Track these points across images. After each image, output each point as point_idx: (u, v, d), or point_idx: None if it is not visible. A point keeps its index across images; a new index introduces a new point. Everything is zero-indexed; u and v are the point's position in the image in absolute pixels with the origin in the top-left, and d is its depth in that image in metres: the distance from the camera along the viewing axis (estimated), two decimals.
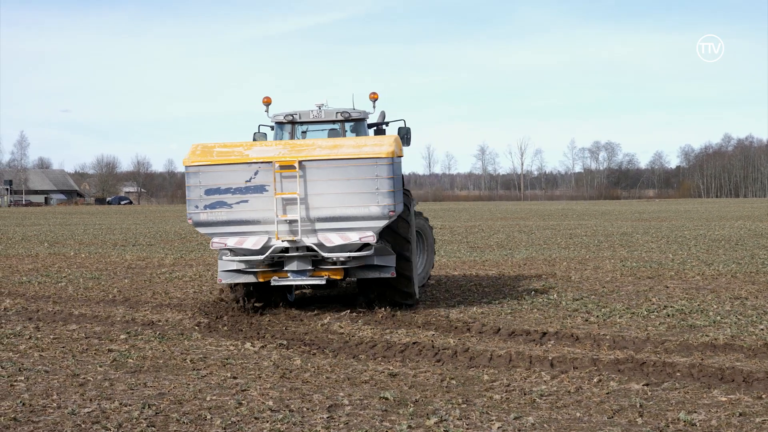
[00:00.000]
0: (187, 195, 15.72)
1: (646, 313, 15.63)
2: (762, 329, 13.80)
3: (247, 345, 13.44)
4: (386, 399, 10.06)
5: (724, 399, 9.92)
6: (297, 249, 15.81)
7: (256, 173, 15.44)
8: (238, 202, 15.51)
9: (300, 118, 18.01)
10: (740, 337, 13.20)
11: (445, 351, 12.76)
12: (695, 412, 9.40)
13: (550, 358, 12.12)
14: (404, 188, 16.78)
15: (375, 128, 18.58)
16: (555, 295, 17.86)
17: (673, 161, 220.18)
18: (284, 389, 10.58)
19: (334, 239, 15.39)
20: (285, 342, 13.61)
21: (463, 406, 9.82)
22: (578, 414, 9.46)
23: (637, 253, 29.77)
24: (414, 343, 13.34)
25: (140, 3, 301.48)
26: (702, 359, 11.86)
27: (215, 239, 15.63)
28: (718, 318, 14.87)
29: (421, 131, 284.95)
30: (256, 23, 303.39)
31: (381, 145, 15.37)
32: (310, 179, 15.35)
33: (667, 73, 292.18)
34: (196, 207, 15.62)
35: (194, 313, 16.69)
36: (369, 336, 14.13)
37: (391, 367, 11.88)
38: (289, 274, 15.92)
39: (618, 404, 9.79)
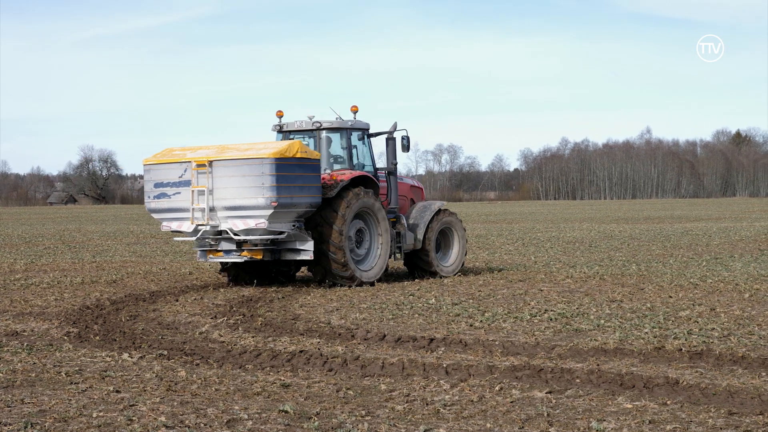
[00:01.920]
0: (144, 188, 19.82)
1: (529, 317, 15.52)
2: (647, 332, 13.80)
3: (125, 356, 12.74)
4: (286, 412, 9.60)
5: (629, 406, 9.79)
6: (220, 232, 19.36)
7: (185, 170, 19.21)
8: (174, 194, 19.40)
9: (287, 128, 21.39)
10: (628, 341, 13.16)
11: (335, 359, 12.36)
12: (604, 420, 9.22)
13: (444, 365, 11.84)
14: (344, 185, 19.88)
15: (386, 136, 21.72)
16: (433, 300, 17.61)
17: (512, 164, 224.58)
18: (175, 403, 9.99)
19: (239, 224, 18.98)
20: (165, 352, 12.96)
21: (368, 418, 9.44)
22: (488, 425, 9.17)
23: (498, 255, 29.92)
24: (301, 351, 12.89)
25: None
26: (598, 365, 11.74)
27: (164, 223, 19.79)
28: (602, 322, 14.85)
29: (267, 132, 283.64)
30: (97, 21, 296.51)
31: (268, 149, 18.70)
32: (217, 176, 18.94)
33: (507, 78, 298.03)
34: (149, 197, 19.75)
35: (60, 321, 15.82)
36: (252, 344, 13.60)
37: (282, 378, 11.41)
38: (222, 253, 19.70)
39: (525, 413, 9.55)
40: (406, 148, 21.92)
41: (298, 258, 19.74)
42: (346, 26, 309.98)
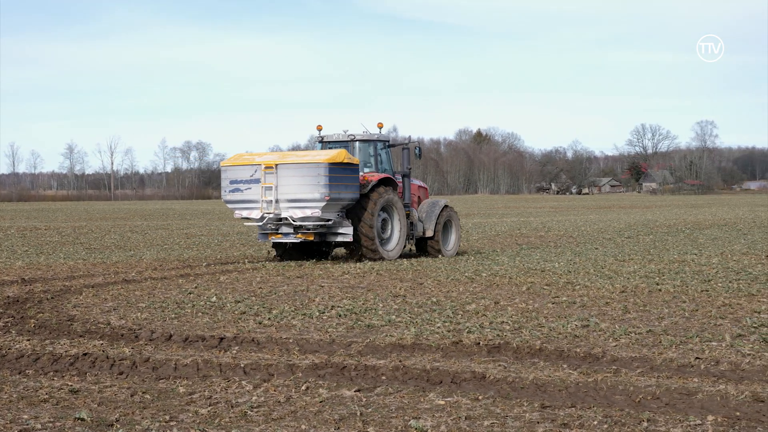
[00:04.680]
0: (222, 184, 25.24)
1: (317, 313, 15.17)
2: (440, 327, 13.69)
3: None
4: (82, 420, 8.90)
5: (442, 402, 9.59)
6: (281, 219, 24.37)
7: (255, 171, 24.45)
8: (246, 189, 24.56)
9: (327, 139, 26.94)
10: (424, 336, 13.00)
11: (123, 362, 11.64)
12: (420, 417, 8.99)
13: (242, 365, 11.34)
14: (375, 183, 25.08)
15: (402, 147, 27.00)
16: (215, 298, 16.98)
17: None
18: None
19: (298, 213, 24.17)
20: None
21: (173, 423, 8.88)
22: (302, 426, 8.77)
23: (266, 250, 29.54)
24: (84, 354, 12.06)
25: None
26: (401, 361, 11.51)
27: (236, 212, 24.82)
28: (392, 317, 14.66)
29: (6, 129, 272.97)
30: None
31: (322, 155, 23.88)
32: (281, 175, 24.20)
33: (250, 76, 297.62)
34: (225, 191, 24.99)
35: None
36: (28, 348, 12.63)
37: (69, 383, 10.61)
38: (281, 235, 24.80)
39: (337, 413, 9.19)
40: (418, 156, 26.91)
41: (339, 240, 25.00)
42: (88, 20, 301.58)
